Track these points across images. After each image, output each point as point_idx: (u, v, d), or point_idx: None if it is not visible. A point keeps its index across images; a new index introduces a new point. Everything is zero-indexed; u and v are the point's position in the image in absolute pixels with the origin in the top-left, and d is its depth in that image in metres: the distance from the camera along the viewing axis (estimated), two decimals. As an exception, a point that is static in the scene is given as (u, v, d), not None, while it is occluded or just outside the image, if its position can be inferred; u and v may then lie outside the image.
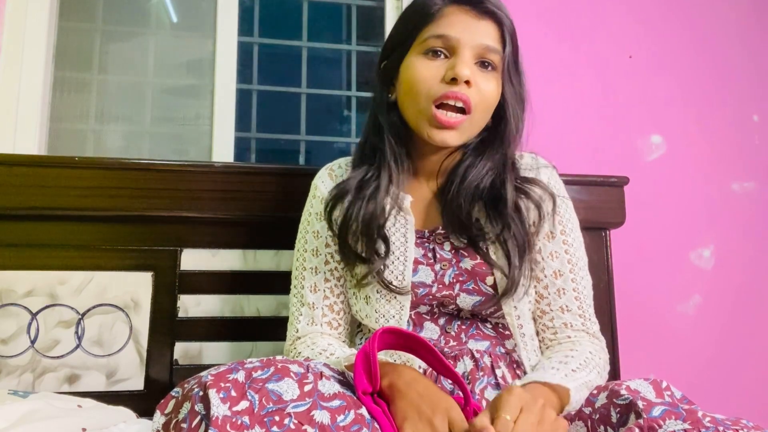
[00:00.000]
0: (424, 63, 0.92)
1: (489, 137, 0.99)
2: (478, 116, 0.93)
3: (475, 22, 0.92)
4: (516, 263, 0.92)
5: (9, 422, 0.85)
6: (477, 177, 0.96)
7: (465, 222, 0.94)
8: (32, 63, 1.58)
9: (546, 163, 1.05)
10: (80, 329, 1.25)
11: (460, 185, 0.96)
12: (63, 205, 1.24)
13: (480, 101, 0.92)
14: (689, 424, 0.69)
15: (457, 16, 0.92)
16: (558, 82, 1.78)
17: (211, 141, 1.71)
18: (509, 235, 0.93)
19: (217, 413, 0.63)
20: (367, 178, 0.98)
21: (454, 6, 0.92)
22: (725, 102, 1.89)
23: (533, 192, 0.98)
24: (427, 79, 0.91)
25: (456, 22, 0.92)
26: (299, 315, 1.03)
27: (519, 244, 0.93)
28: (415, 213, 1.00)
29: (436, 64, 0.92)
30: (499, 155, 0.97)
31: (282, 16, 2.07)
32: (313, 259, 1.03)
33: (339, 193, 0.99)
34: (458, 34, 0.91)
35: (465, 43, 0.91)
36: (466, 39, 0.91)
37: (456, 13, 0.92)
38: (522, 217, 0.95)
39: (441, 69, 0.91)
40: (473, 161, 0.97)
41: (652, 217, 1.78)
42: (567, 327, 0.99)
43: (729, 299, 1.81)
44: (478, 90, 0.91)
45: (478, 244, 0.94)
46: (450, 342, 0.96)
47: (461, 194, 0.95)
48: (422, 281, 0.96)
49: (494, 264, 0.94)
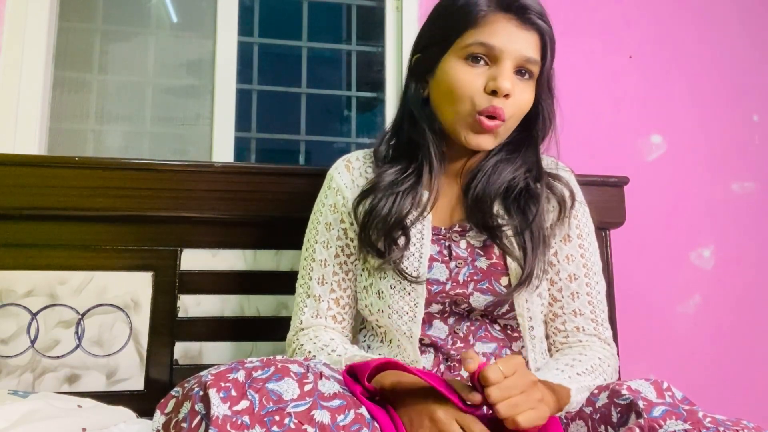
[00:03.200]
0: (465, 69, 0.92)
1: (521, 138, 1.01)
2: (511, 123, 0.95)
3: (519, 32, 0.91)
4: (532, 254, 0.94)
5: (9, 422, 0.85)
6: (510, 172, 0.98)
7: (488, 213, 0.96)
8: (32, 63, 1.58)
9: (565, 167, 1.07)
10: (80, 329, 1.25)
11: (491, 178, 0.98)
12: (63, 205, 1.24)
13: (514, 112, 0.93)
14: (690, 424, 0.69)
15: (502, 24, 0.91)
16: (558, 82, 1.78)
17: (211, 141, 1.71)
18: (528, 226, 0.95)
19: (218, 413, 0.63)
20: (405, 175, 0.98)
21: (499, 13, 0.91)
22: (725, 102, 1.89)
23: (557, 189, 1.00)
24: (468, 87, 0.91)
25: (500, 30, 0.91)
26: (304, 306, 1.02)
27: (536, 237, 0.95)
28: (437, 211, 1.00)
29: (477, 71, 0.92)
30: (531, 153, 1.00)
31: (282, 16, 2.07)
32: (323, 251, 1.03)
33: (370, 188, 0.99)
34: (502, 44, 0.90)
35: (508, 53, 0.91)
36: (509, 49, 0.91)
37: (500, 21, 0.91)
38: (543, 215, 0.98)
39: (482, 78, 0.91)
40: (505, 156, 1.00)
41: (652, 217, 1.78)
42: (579, 331, 1.00)
43: (729, 299, 1.81)
44: (514, 100, 0.92)
45: (497, 236, 0.95)
46: (457, 343, 0.96)
47: (492, 187, 0.97)
48: (436, 278, 0.96)
49: (510, 253, 0.95)
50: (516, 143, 1.00)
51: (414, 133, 0.99)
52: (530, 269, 0.93)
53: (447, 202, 1.02)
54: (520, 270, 0.94)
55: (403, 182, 0.97)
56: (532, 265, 0.93)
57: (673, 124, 1.85)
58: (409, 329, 0.94)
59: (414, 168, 0.99)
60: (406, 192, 0.97)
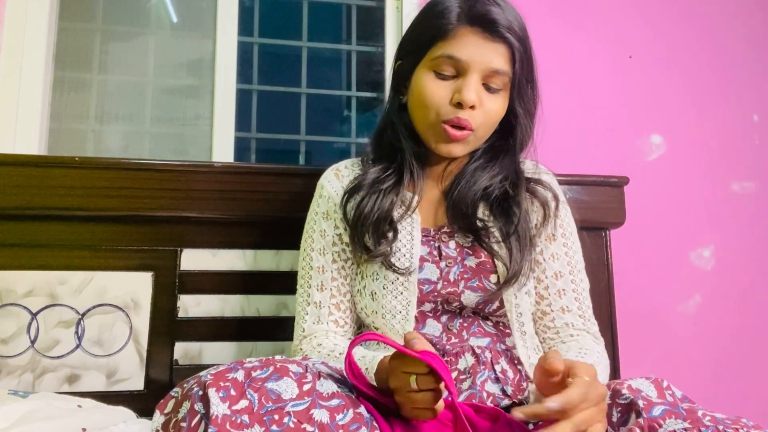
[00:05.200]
0: (434, 82, 0.96)
1: (499, 144, 1.03)
2: (482, 132, 0.98)
3: (487, 44, 0.93)
4: (518, 254, 0.96)
5: (9, 422, 0.85)
6: (487, 179, 1.01)
7: (470, 217, 0.99)
8: (32, 63, 1.58)
9: (546, 171, 1.10)
10: (80, 329, 1.25)
11: (467, 184, 1.01)
12: (63, 205, 1.24)
13: (483, 121, 0.96)
14: (689, 423, 0.69)
15: (469, 38, 0.93)
16: (558, 82, 1.78)
17: (211, 141, 1.71)
18: (513, 229, 0.97)
19: (217, 412, 0.63)
20: (387, 174, 1.02)
21: (467, 27, 0.94)
22: (725, 102, 1.89)
23: (539, 192, 1.03)
24: (435, 98, 0.95)
25: (468, 44, 0.93)
26: (305, 314, 1.03)
27: (522, 237, 0.97)
28: (422, 212, 1.03)
29: (444, 84, 0.95)
30: (508, 161, 1.02)
31: (282, 16, 2.07)
32: (319, 258, 1.04)
33: (356, 186, 1.02)
34: (468, 57, 0.93)
35: (474, 66, 0.93)
36: (476, 62, 0.93)
37: (468, 35, 0.94)
38: (527, 216, 1.00)
39: (449, 90, 0.95)
40: (483, 164, 1.02)
41: (652, 217, 1.78)
42: (568, 327, 1.02)
43: (729, 299, 1.81)
44: (482, 111, 0.95)
45: (482, 238, 0.97)
46: (452, 339, 0.97)
47: (468, 192, 1.00)
48: (427, 278, 0.97)
49: (496, 254, 0.97)
50: (495, 151, 1.04)
51: (393, 137, 1.04)
52: (517, 268, 0.95)
53: (432, 204, 1.05)
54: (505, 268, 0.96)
55: (386, 180, 1.01)
56: (518, 264, 0.95)
57: (673, 124, 1.85)
58: (402, 328, 0.96)
59: (395, 168, 1.02)
60: (389, 189, 1.00)
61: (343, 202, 1.03)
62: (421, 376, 0.70)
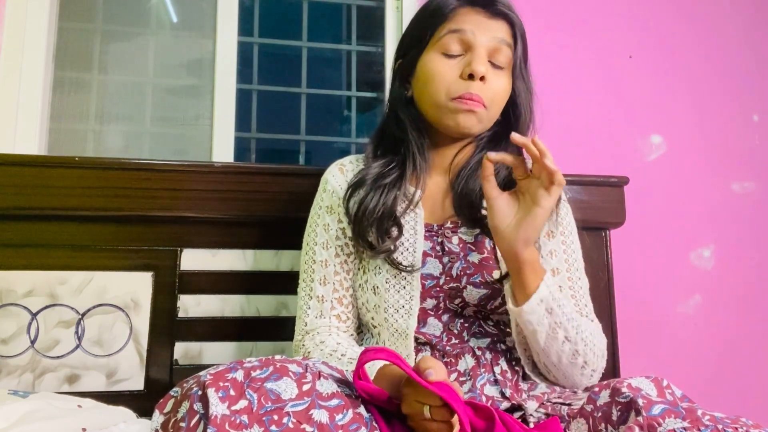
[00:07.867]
0: (442, 61, 0.98)
1: (502, 131, 1.04)
2: (493, 111, 1.00)
3: (488, 21, 0.98)
4: None
5: (9, 422, 0.85)
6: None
7: (477, 207, 0.99)
8: (32, 63, 1.58)
9: None
10: (80, 329, 1.25)
11: (474, 173, 1.02)
12: (63, 205, 1.24)
13: (492, 97, 0.98)
14: (688, 422, 0.69)
15: (471, 16, 0.98)
16: (558, 82, 1.78)
17: (211, 141, 1.71)
18: None
19: (216, 412, 0.63)
20: (390, 168, 1.03)
21: (467, 7, 0.98)
22: (725, 102, 1.89)
23: None
24: (446, 76, 0.97)
25: (471, 20, 0.97)
26: (307, 309, 1.03)
27: None
28: (425, 207, 1.03)
29: (452, 62, 0.97)
30: (512, 149, 1.01)
31: (282, 16, 2.07)
32: (323, 252, 1.04)
33: (359, 181, 1.03)
34: (473, 29, 0.96)
35: (480, 38, 0.96)
36: (482, 33, 0.96)
37: (470, 13, 0.98)
38: None
39: (458, 67, 0.97)
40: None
41: (652, 217, 1.78)
42: None
43: (729, 299, 1.81)
44: (490, 87, 0.97)
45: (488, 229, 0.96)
46: (452, 340, 0.96)
47: (474, 182, 1.01)
48: (430, 273, 0.97)
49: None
50: (497, 139, 1.05)
51: (397, 131, 1.05)
52: None
53: (437, 198, 1.05)
54: None
55: (389, 174, 1.02)
56: None
57: (673, 124, 1.85)
58: (404, 324, 0.95)
59: (398, 161, 1.03)
60: (392, 184, 1.01)
61: (346, 197, 1.03)
62: (435, 408, 0.69)
